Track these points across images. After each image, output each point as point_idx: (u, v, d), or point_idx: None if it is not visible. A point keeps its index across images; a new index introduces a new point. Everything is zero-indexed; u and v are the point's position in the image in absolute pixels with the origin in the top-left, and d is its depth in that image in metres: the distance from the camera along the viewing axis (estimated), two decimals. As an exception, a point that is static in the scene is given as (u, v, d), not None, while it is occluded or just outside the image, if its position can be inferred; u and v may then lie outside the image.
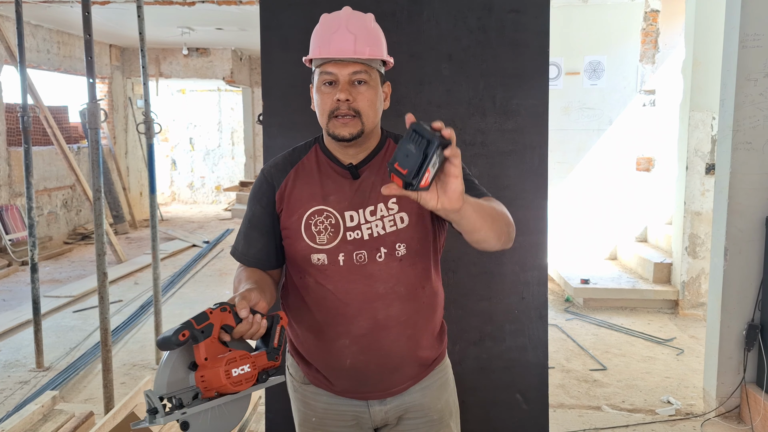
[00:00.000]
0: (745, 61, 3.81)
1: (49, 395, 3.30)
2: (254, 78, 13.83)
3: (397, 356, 1.77)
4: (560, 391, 4.38)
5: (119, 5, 7.75)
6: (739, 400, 3.98)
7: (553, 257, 6.81)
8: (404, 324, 1.75)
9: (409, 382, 1.82)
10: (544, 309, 2.71)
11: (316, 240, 1.72)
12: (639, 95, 7.56)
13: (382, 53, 1.73)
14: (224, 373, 1.44)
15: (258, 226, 1.80)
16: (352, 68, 1.66)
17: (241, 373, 1.46)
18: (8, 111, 8.85)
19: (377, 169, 1.76)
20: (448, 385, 1.93)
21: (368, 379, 1.78)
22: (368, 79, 1.69)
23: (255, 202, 1.81)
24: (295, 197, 1.76)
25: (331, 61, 1.67)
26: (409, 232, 1.72)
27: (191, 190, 15.23)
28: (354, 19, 1.70)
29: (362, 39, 1.68)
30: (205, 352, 1.45)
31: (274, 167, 1.82)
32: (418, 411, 1.84)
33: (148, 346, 5.23)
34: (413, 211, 1.73)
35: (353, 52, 1.66)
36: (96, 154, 3.69)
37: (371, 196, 1.73)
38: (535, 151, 2.66)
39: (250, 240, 1.81)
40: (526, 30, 2.61)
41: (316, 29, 1.74)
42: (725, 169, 3.93)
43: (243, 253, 1.83)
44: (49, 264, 8.55)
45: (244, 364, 1.47)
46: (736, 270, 3.94)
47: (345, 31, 1.67)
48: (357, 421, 1.85)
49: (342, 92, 1.65)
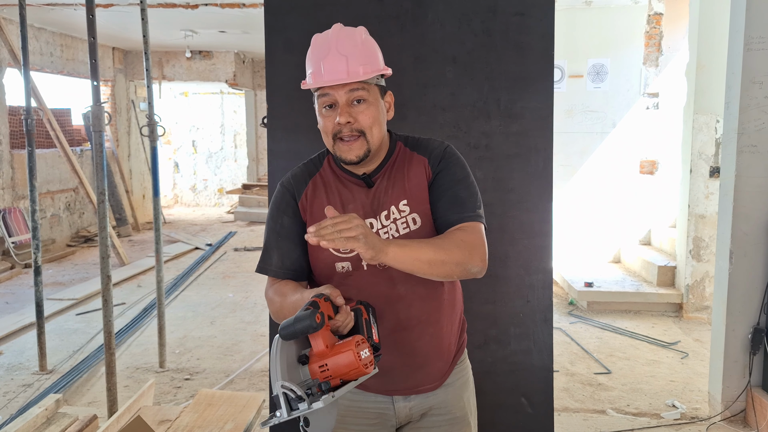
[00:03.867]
0: (750, 64, 3.80)
1: (52, 398, 3.29)
2: (257, 81, 13.84)
3: (422, 354, 1.79)
4: (565, 394, 4.36)
5: (122, 8, 7.76)
6: (744, 404, 3.96)
7: (557, 260, 6.79)
8: (425, 322, 1.78)
9: (436, 383, 1.84)
10: (549, 312, 2.70)
11: (339, 249, 1.72)
12: (642, 98, 7.55)
13: (377, 68, 1.71)
14: (356, 355, 1.44)
15: (290, 237, 1.79)
16: (348, 88, 1.66)
17: (366, 356, 1.47)
18: (11, 114, 8.85)
19: (389, 174, 1.78)
20: (469, 382, 1.96)
21: (395, 377, 1.80)
22: (367, 96, 1.68)
23: (281, 213, 1.80)
24: (317, 208, 1.77)
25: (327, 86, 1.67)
26: (421, 233, 1.74)
27: (194, 193, 15.23)
28: (343, 38, 1.68)
29: (354, 59, 1.66)
30: (324, 341, 1.45)
31: (293, 179, 1.83)
32: (442, 408, 1.86)
33: (151, 349, 5.23)
34: (424, 212, 1.75)
35: (346, 75, 1.65)
36: (99, 156, 3.69)
37: (384, 201, 1.75)
38: (539, 154, 2.65)
39: (283, 251, 1.79)
40: (531, 33, 2.60)
41: (309, 53, 1.73)
42: (730, 172, 3.92)
43: (279, 266, 1.79)
44: (52, 267, 8.55)
45: (366, 348, 1.48)
46: (741, 273, 3.93)
47: (336, 53, 1.66)
48: (380, 419, 1.86)
49: (342, 115, 1.66)
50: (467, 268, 1.67)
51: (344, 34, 1.69)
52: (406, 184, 1.76)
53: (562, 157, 7.37)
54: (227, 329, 5.84)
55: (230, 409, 3.31)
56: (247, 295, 7.01)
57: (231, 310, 6.45)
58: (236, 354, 5.20)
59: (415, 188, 1.76)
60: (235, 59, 12.44)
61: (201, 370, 4.86)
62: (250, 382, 4.63)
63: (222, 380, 4.65)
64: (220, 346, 5.37)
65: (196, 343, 5.46)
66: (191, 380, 4.67)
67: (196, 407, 3.32)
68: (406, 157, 1.80)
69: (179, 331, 5.78)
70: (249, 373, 4.80)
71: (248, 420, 3.20)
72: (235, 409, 3.31)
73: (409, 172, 1.77)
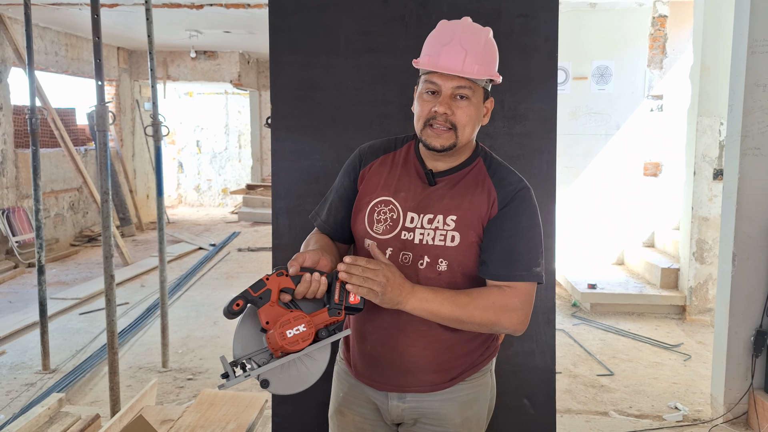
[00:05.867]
0: (754, 66, 3.80)
1: (55, 397, 3.30)
2: (261, 81, 13.86)
3: (410, 360, 1.78)
4: (567, 396, 4.36)
5: (127, 8, 7.78)
6: (746, 407, 3.96)
7: (561, 262, 6.80)
8: (423, 334, 1.75)
9: (428, 388, 1.81)
10: (551, 314, 2.70)
11: (373, 227, 1.77)
12: (647, 100, 7.55)
13: (491, 72, 1.71)
14: (279, 335, 1.53)
15: (343, 198, 1.86)
16: (456, 82, 1.67)
17: (296, 333, 1.55)
18: (16, 113, 8.88)
19: (454, 184, 1.76)
20: (476, 403, 1.86)
21: (383, 370, 1.81)
22: (471, 95, 1.69)
23: (345, 175, 1.88)
24: (372, 182, 1.81)
25: (437, 73, 1.67)
26: (454, 253, 1.71)
27: (198, 193, 15.25)
28: (469, 33, 1.69)
29: (473, 56, 1.66)
30: (265, 316, 1.56)
31: (370, 147, 1.89)
32: (434, 419, 1.82)
33: (154, 349, 5.23)
34: (467, 237, 1.71)
35: (461, 69, 1.65)
36: (104, 156, 3.70)
37: (435, 205, 1.74)
38: (543, 156, 2.65)
39: (332, 209, 1.87)
40: (535, 35, 2.60)
41: (431, 35, 1.74)
42: (734, 175, 3.92)
43: (324, 220, 1.89)
44: (56, 266, 8.57)
45: (299, 324, 1.55)
46: (744, 275, 3.92)
47: (457, 45, 1.66)
48: (377, 413, 1.88)
49: (442, 105, 1.67)
50: (493, 328, 1.68)
51: (470, 30, 1.70)
52: (464, 204, 1.72)
53: (566, 159, 7.38)
54: (230, 329, 5.79)
55: (232, 409, 3.32)
56: (250, 296, 7.00)
57: (234, 310, 6.44)
58: (239, 354, 5.20)
59: (471, 213, 1.72)
60: (240, 59, 12.45)
61: (204, 370, 4.87)
62: (252, 383, 4.63)
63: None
64: (223, 347, 5.38)
65: (199, 343, 5.47)
66: (194, 380, 4.68)
67: (198, 407, 3.33)
68: (479, 178, 1.76)
69: (182, 331, 5.79)
70: (251, 373, 4.80)
71: (250, 420, 3.21)
72: (237, 409, 3.32)
73: (474, 196, 1.73)
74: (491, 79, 1.73)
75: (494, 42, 1.75)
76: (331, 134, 2.64)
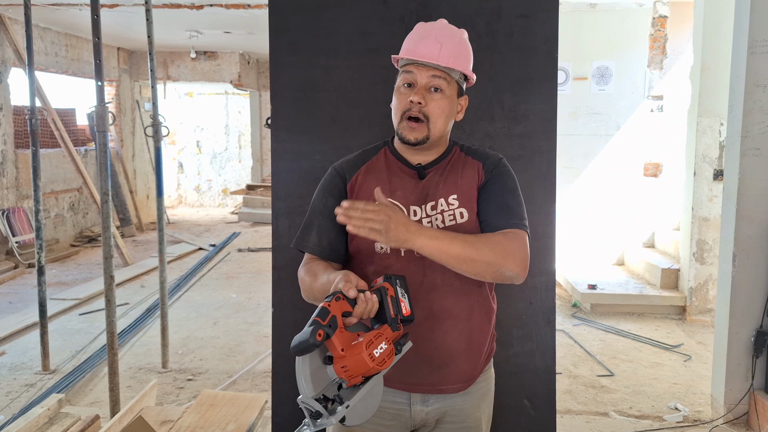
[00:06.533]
0: (754, 67, 3.80)
1: (55, 398, 3.30)
2: (261, 81, 13.86)
3: (448, 350, 1.79)
4: (567, 396, 4.36)
5: (127, 8, 7.78)
6: (747, 407, 3.96)
7: (561, 262, 6.79)
8: (456, 318, 1.79)
9: (459, 386, 1.83)
10: (551, 314, 2.70)
11: None
12: (647, 101, 7.55)
13: (465, 67, 1.81)
14: (368, 357, 1.49)
15: (331, 217, 1.80)
16: (431, 72, 1.75)
17: (382, 351, 1.52)
18: (16, 113, 8.88)
19: (442, 171, 1.85)
20: (489, 393, 1.96)
21: (418, 370, 1.80)
22: (445, 88, 1.77)
23: (326, 194, 1.87)
24: (365, 190, 1.83)
25: (414, 63, 1.76)
26: (467, 228, 1.77)
27: (198, 194, 15.25)
28: (445, 31, 1.79)
29: (448, 49, 1.76)
30: (340, 343, 1.50)
31: (345, 163, 1.90)
32: (457, 416, 1.86)
33: (154, 350, 5.23)
34: (472, 209, 1.79)
35: (437, 57, 1.74)
36: (104, 156, 3.69)
37: (433, 193, 1.80)
38: (543, 156, 2.64)
39: (323, 230, 1.85)
40: (535, 35, 2.60)
41: (408, 35, 1.83)
42: (734, 175, 3.92)
43: (316, 244, 1.84)
44: (56, 266, 8.57)
45: (381, 342, 1.53)
46: (745, 276, 3.92)
47: (433, 38, 1.76)
48: (395, 420, 1.86)
49: (416, 95, 1.75)
50: (499, 270, 1.68)
51: (447, 29, 1.80)
52: (459, 181, 1.82)
53: (566, 160, 7.38)
54: (230, 330, 5.85)
55: (233, 409, 3.32)
56: (250, 296, 7.01)
57: (234, 311, 6.45)
58: (239, 355, 5.21)
59: (467, 186, 1.81)
60: (240, 60, 12.46)
61: (204, 371, 4.86)
62: (252, 383, 4.63)
63: (224, 381, 4.66)
64: (223, 347, 5.38)
65: (198, 344, 5.47)
66: (194, 381, 4.68)
67: (198, 408, 3.33)
68: (461, 160, 1.87)
69: (182, 331, 5.79)
70: (251, 374, 4.80)
71: (250, 421, 3.20)
72: (237, 410, 3.31)
73: (464, 173, 1.83)
74: (465, 76, 1.83)
75: (468, 43, 1.85)
76: (331, 135, 2.64)
